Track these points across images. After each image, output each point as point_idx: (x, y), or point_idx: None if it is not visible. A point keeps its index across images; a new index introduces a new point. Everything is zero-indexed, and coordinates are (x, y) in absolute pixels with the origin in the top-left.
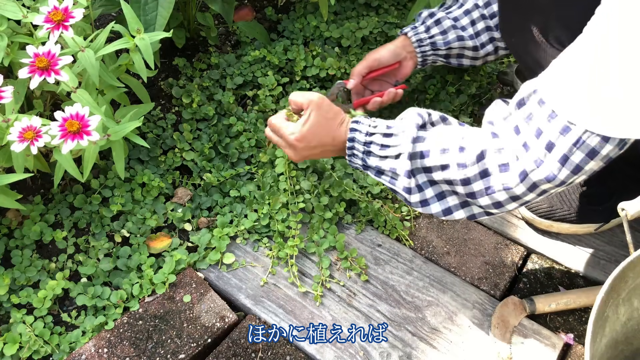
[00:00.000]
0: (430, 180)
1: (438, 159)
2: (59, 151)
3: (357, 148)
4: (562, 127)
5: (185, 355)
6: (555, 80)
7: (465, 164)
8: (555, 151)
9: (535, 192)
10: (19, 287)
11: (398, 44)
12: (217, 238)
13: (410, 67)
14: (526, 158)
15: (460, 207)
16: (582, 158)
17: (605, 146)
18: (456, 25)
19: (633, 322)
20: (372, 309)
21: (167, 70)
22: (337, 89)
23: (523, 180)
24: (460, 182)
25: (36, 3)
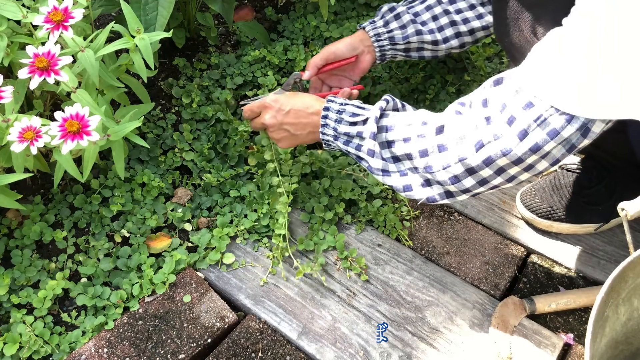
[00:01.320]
0: (394, 157)
1: (401, 132)
2: (58, 151)
3: (330, 116)
4: (526, 103)
5: (185, 355)
6: (529, 61)
7: (424, 134)
8: (516, 125)
9: (491, 168)
10: (19, 287)
11: (356, 37)
12: (217, 238)
13: (368, 61)
14: (486, 130)
15: (421, 186)
16: (543, 137)
17: (567, 128)
18: (416, 20)
19: (633, 322)
20: (372, 309)
21: (167, 70)
22: (293, 80)
23: (478, 150)
24: (419, 154)
25: (36, 3)
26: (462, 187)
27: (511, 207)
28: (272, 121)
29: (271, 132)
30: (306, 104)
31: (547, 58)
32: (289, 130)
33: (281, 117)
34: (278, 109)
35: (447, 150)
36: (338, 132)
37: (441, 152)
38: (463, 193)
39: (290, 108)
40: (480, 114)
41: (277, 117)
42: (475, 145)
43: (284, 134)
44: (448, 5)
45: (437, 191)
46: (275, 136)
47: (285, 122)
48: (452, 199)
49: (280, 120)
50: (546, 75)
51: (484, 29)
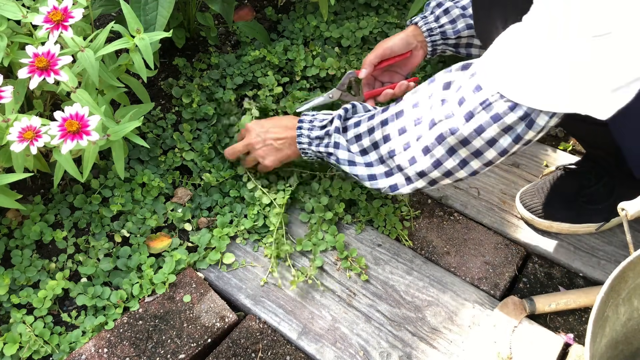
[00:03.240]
0: (362, 150)
1: (366, 125)
2: (58, 151)
3: (303, 127)
4: (476, 86)
5: (185, 355)
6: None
7: (386, 120)
8: (464, 106)
9: (444, 147)
10: (19, 287)
11: (409, 32)
12: (217, 238)
13: (420, 56)
14: (439, 110)
15: (384, 175)
16: (486, 120)
17: (510, 115)
18: (465, 13)
19: (633, 322)
20: (372, 309)
21: (167, 70)
22: (348, 79)
23: (431, 128)
24: (383, 140)
25: (36, 3)
26: (419, 168)
27: (511, 207)
28: (257, 139)
29: (257, 149)
30: (283, 122)
31: (502, 48)
32: (272, 144)
33: (263, 134)
34: (259, 129)
35: (406, 132)
36: (311, 137)
37: (401, 135)
38: (420, 177)
39: (269, 127)
40: (438, 96)
41: (261, 135)
42: (429, 123)
43: (268, 149)
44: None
45: (398, 179)
46: (260, 153)
47: (267, 137)
48: (412, 185)
49: (263, 137)
50: (498, 63)
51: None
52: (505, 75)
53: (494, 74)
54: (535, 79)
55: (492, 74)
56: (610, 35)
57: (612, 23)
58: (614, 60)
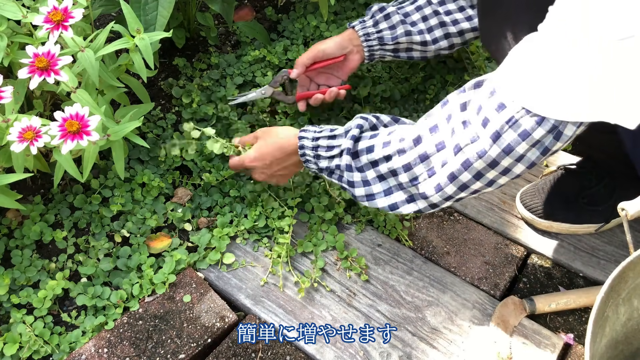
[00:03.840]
0: (379, 175)
1: (381, 152)
2: (58, 151)
3: (307, 154)
4: (499, 104)
5: (185, 355)
6: (504, 65)
7: (404, 149)
8: (489, 127)
9: (470, 172)
10: (19, 287)
11: (345, 36)
12: (217, 238)
13: (356, 61)
14: (462, 133)
15: (406, 202)
16: (514, 138)
17: (538, 130)
18: (405, 20)
19: (633, 322)
20: (372, 309)
21: (167, 70)
22: (281, 78)
23: (457, 154)
24: (403, 169)
25: (36, 3)
26: (445, 195)
27: (511, 207)
28: (263, 177)
29: (269, 181)
30: (282, 147)
31: (521, 61)
32: (280, 174)
33: (268, 170)
34: (262, 166)
35: (428, 159)
36: (320, 167)
37: (423, 162)
38: (446, 201)
39: (271, 160)
40: (458, 118)
41: (266, 172)
42: (454, 149)
43: (278, 178)
44: (438, 7)
45: (422, 205)
46: (273, 182)
47: (274, 172)
48: (438, 208)
49: (269, 174)
50: (519, 77)
51: (473, 31)
52: (528, 90)
53: (516, 89)
54: (560, 89)
55: (514, 89)
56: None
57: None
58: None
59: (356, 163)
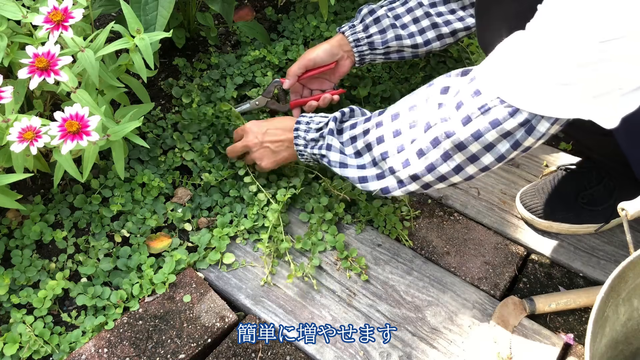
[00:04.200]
0: (356, 152)
1: (362, 127)
2: (58, 151)
3: (300, 129)
4: (475, 90)
5: (185, 355)
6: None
7: (381, 122)
8: (462, 110)
9: (438, 150)
10: (19, 287)
11: (334, 43)
12: (217, 238)
13: (347, 66)
14: (436, 113)
15: (376, 177)
16: (485, 125)
17: (509, 120)
18: (396, 24)
19: (633, 322)
20: (372, 309)
21: (167, 70)
22: (274, 87)
23: (427, 130)
24: (377, 141)
25: (36, 3)
26: (412, 172)
27: (511, 207)
28: (254, 141)
29: (254, 152)
30: (282, 123)
31: (503, 54)
32: (269, 147)
33: (261, 136)
34: (257, 130)
35: (400, 135)
36: (307, 139)
37: (396, 137)
38: (413, 180)
39: (267, 128)
40: (436, 100)
41: (258, 137)
42: (424, 126)
43: (265, 152)
44: (429, 8)
45: (390, 182)
46: (257, 155)
47: (265, 140)
48: (404, 188)
49: (261, 140)
50: (498, 68)
51: (465, 30)
52: (505, 80)
53: (494, 79)
54: (537, 83)
55: (492, 78)
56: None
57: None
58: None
59: (339, 138)
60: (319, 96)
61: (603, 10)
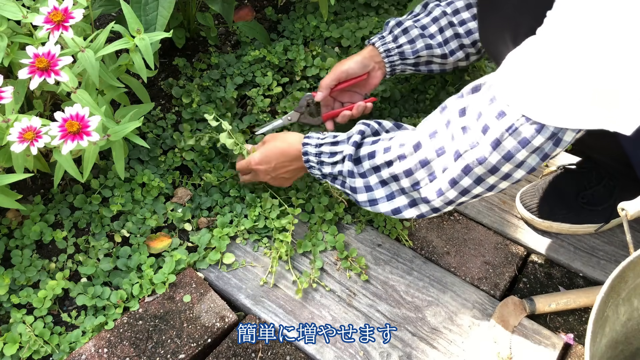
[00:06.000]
0: (381, 181)
1: (383, 157)
2: (58, 151)
3: (311, 160)
4: (499, 112)
5: (185, 355)
6: (504, 68)
7: (404, 154)
8: (489, 134)
9: (470, 177)
10: (19, 287)
11: (366, 54)
12: (217, 238)
13: (379, 77)
14: (462, 139)
15: (408, 206)
16: (514, 145)
17: (537, 137)
18: (424, 33)
19: (633, 322)
20: (372, 309)
21: (167, 70)
22: (305, 101)
23: (457, 159)
24: (404, 174)
25: (36, 3)
26: (447, 199)
27: (511, 207)
28: (267, 178)
29: (273, 183)
30: (286, 152)
31: (520, 67)
32: (284, 177)
33: (272, 171)
34: (266, 168)
35: (429, 164)
36: (323, 172)
37: (424, 167)
38: (448, 205)
39: (275, 163)
40: (457, 124)
41: (270, 174)
42: (454, 155)
43: (282, 180)
44: (452, 17)
45: (424, 209)
46: (276, 184)
47: (278, 174)
48: (439, 211)
49: (273, 176)
50: (518, 84)
51: None
52: (528, 97)
53: (516, 97)
54: (560, 97)
55: (513, 96)
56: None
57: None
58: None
59: (358, 169)
60: (352, 106)
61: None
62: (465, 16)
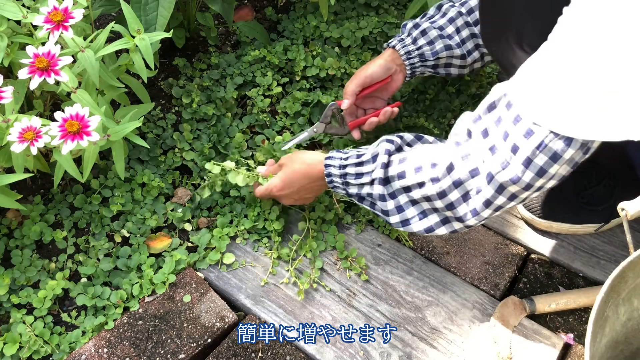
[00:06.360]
0: (412, 200)
1: (414, 178)
2: (58, 151)
3: (335, 181)
4: (526, 130)
5: (185, 355)
6: (522, 83)
7: (438, 177)
8: (520, 154)
9: (504, 195)
10: (19, 287)
11: (387, 57)
12: (217, 238)
13: (400, 80)
14: (492, 160)
15: (441, 224)
16: (546, 161)
17: (568, 150)
18: (442, 34)
19: (633, 322)
20: (372, 309)
21: (167, 70)
22: (331, 111)
23: (490, 182)
24: (438, 196)
25: (36, 3)
26: (481, 218)
27: (511, 207)
28: (291, 201)
29: (296, 204)
30: (308, 174)
31: (540, 81)
32: (309, 197)
33: (296, 195)
34: (289, 192)
35: (462, 184)
36: (349, 193)
37: (458, 187)
38: (480, 221)
39: (298, 186)
40: (484, 145)
41: (294, 197)
42: (486, 178)
43: (306, 199)
44: (467, 17)
45: (457, 226)
46: (300, 203)
47: (302, 196)
48: (471, 227)
49: (297, 198)
50: (541, 100)
51: None
52: (554, 113)
53: (542, 114)
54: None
55: (540, 114)
56: None
57: None
58: None
59: (387, 189)
60: (378, 112)
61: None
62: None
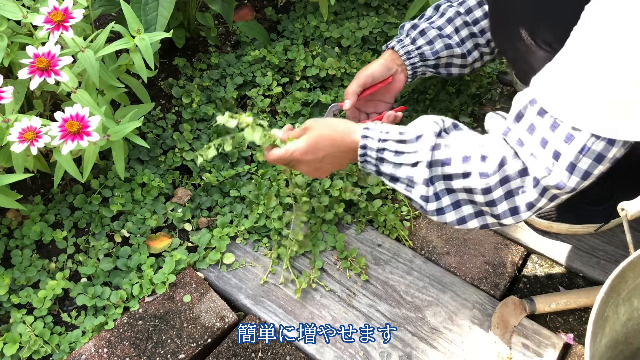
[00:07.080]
0: (448, 189)
1: (460, 167)
2: (58, 151)
3: (369, 155)
4: (566, 136)
5: (185, 355)
6: (553, 87)
7: (487, 172)
8: (562, 160)
9: (546, 197)
10: (19, 287)
11: (387, 57)
12: (217, 238)
13: (402, 80)
14: (536, 165)
15: (474, 216)
16: (590, 164)
17: (612, 150)
18: (441, 34)
19: (633, 322)
20: (372, 309)
21: (167, 70)
22: (332, 113)
23: (535, 186)
24: (481, 191)
25: (36, 3)
26: (519, 219)
27: None
28: (309, 170)
29: (311, 175)
30: (339, 143)
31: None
32: (327, 169)
33: (318, 164)
34: (311, 159)
35: (510, 182)
36: (380, 170)
37: (503, 185)
38: (517, 222)
39: (324, 154)
40: (523, 152)
41: (314, 164)
42: (533, 182)
43: (323, 172)
44: (466, 16)
45: (490, 221)
46: (314, 175)
47: (323, 167)
48: (503, 226)
49: (317, 167)
50: (579, 103)
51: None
52: (594, 116)
53: (581, 119)
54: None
55: (579, 119)
56: None
57: None
58: None
59: (431, 172)
60: (381, 115)
61: None
62: (478, 14)
